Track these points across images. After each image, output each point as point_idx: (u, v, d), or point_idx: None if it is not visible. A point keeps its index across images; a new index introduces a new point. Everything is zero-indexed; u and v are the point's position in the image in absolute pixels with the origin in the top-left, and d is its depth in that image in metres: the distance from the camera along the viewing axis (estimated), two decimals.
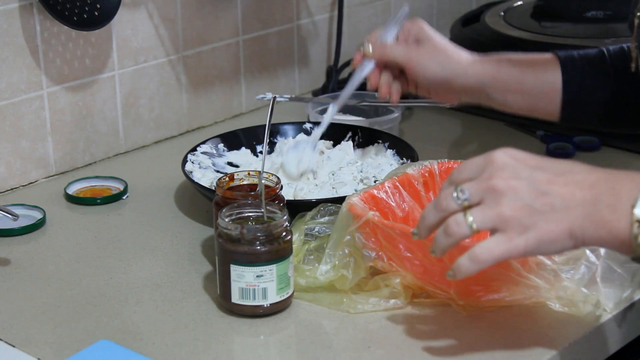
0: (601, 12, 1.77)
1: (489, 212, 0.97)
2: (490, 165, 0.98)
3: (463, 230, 0.98)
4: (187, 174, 1.38)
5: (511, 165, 0.98)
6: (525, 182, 0.97)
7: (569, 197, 0.96)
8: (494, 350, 1.08)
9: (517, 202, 0.96)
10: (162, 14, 1.60)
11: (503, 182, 0.97)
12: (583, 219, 0.96)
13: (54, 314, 1.17)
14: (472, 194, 0.97)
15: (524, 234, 0.96)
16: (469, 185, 0.98)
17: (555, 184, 0.97)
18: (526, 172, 0.98)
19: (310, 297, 1.17)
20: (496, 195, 0.96)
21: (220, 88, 1.71)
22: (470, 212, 0.97)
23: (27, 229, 1.35)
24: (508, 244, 0.96)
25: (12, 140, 1.46)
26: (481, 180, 0.98)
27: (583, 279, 1.11)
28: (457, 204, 0.98)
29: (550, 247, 0.97)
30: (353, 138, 1.50)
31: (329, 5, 1.85)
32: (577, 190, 0.97)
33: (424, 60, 1.38)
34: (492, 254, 0.97)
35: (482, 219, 0.97)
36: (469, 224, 0.97)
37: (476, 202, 0.97)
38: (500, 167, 0.98)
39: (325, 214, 1.23)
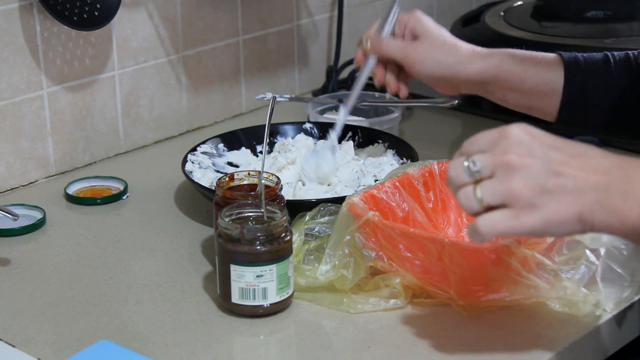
0: (601, 12, 1.77)
1: (499, 187, 0.94)
2: (504, 139, 0.96)
3: (472, 204, 0.95)
4: (187, 174, 1.38)
5: (526, 142, 0.96)
6: (539, 161, 0.95)
7: (582, 180, 0.95)
8: (494, 350, 1.08)
9: (529, 180, 0.94)
10: (162, 14, 1.60)
11: (517, 158, 0.94)
12: (594, 204, 0.94)
13: (54, 314, 1.17)
14: (484, 167, 0.95)
15: (532, 213, 0.94)
16: (482, 157, 0.96)
17: (569, 165, 0.95)
18: (541, 151, 0.96)
19: (310, 297, 1.17)
20: (508, 171, 0.94)
21: (220, 88, 1.71)
22: (480, 186, 0.95)
23: (27, 229, 1.35)
24: (514, 220, 0.94)
25: (12, 140, 1.46)
26: (495, 154, 0.96)
27: (583, 279, 1.11)
28: (467, 174, 0.96)
29: (558, 229, 0.95)
30: (353, 138, 1.50)
31: (329, 5, 1.85)
32: (590, 175, 0.95)
33: (421, 56, 1.36)
34: (495, 228, 0.95)
35: (492, 194, 0.94)
36: (479, 199, 0.95)
37: (487, 176, 0.95)
38: (516, 142, 0.96)
39: (325, 214, 1.23)
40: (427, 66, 1.36)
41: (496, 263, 1.09)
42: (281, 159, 1.44)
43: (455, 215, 1.27)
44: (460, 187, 0.96)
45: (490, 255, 1.08)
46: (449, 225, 1.27)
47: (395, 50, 1.37)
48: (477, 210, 0.96)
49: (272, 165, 1.43)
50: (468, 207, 0.96)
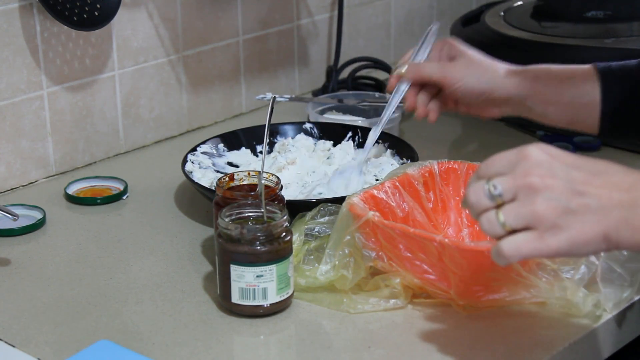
0: (601, 12, 1.77)
1: (522, 210, 0.93)
2: (524, 160, 0.95)
3: (495, 229, 0.94)
4: (187, 174, 1.38)
5: (547, 162, 0.94)
6: (561, 181, 0.93)
7: (606, 198, 0.93)
8: (494, 350, 1.08)
9: (552, 201, 0.92)
10: (162, 14, 1.60)
11: (539, 179, 0.93)
12: (619, 222, 0.93)
13: (54, 314, 1.17)
14: (505, 190, 0.94)
15: (557, 234, 0.92)
16: (502, 180, 0.94)
17: (592, 184, 0.94)
18: (562, 171, 0.94)
19: (310, 297, 1.17)
20: (531, 193, 0.93)
21: (220, 88, 1.71)
22: (503, 211, 0.93)
23: (27, 229, 1.35)
24: (538, 242, 0.93)
25: (12, 140, 1.46)
26: (515, 177, 0.94)
27: (583, 279, 1.11)
28: (488, 198, 0.94)
29: (583, 249, 0.94)
30: (353, 138, 1.50)
31: (329, 5, 1.85)
32: (614, 192, 0.94)
33: (459, 74, 1.37)
34: (520, 251, 0.93)
35: (515, 217, 0.93)
36: (501, 223, 0.93)
37: (509, 199, 0.94)
38: (536, 163, 0.94)
39: (325, 214, 1.23)
40: (466, 83, 1.37)
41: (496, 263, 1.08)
42: (281, 159, 1.44)
43: (455, 215, 1.27)
44: (482, 212, 0.95)
45: None
46: (449, 225, 1.27)
47: (434, 70, 1.38)
48: (500, 234, 0.94)
49: (272, 165, 1.43)
50: (492, 232, 0.94)
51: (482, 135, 1.66)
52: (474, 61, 1.38)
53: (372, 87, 1.82)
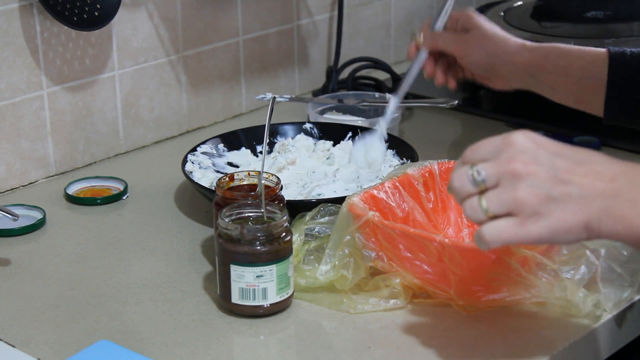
0: (601, 12, 1.77)
1: (505, 196, 0.93)
2: (509, 147, 0.95)
3: (478, 215, 0.95)
4: (187, 174, 1.38)
5: (532, 150, 0.95)
6: (544, 169, 0.94)
7: (589, 188, 0.94)
8: (494, 350, 1.08)
9: (535, 188, 0.93)
10: (162, 14, 1.60)
11: (523, 166, 0.93)
12: (601, 211, 0.93)
13: (54, 314, 1.17)
14: (489, 176, 0.94)
15: (538, 221, 0.93)
16: (486, 166, 0.95)
17: (575, 173, 0.94)
18: (546, 158, 0.95)
19: (310, 297, 1.17)
20: (514, 180, 0.93)
21: (220, 88, 1.71)
22: (486, 196, 0.94)
23: (27, 229, 1.35)
24: (519, 228, 0.93)
25: (12, 140, 1.46)
26: (499, 163, 0.94)
27: (583, 279, 1.11)
28: (471, 184, 0.95)
29: (564, 237, 0.94)
30: (353, 138, 1.50)
31: (329, 5, 1.85)
32: (597, 182, 0.94)
33: (470, 48, 1.40)
34: (501, 236, 0.94)
35: (497, 204, 0.94)
36: (484, 209, 0.94)
37: (492, 185, 0.94)
38: (521, 150, 0.95)
39: (325, 214, 1.23)
40: (478, 56, 1.40)
41: (496, 263, 1.09)
42: (281, 159, 1.44)
43: (455, 215, 1.27)
44: (466, 198, 0.95)
45: (490, 256, 1.08)
46: (449, 225, 1.27)
47: (448, 42, 1.42)
48: (483, 220, 0.95)
49: (272, 166, 1.43)
50: (474, 218, 0.95)
51: (482, 135, 1.65)
52: (487, 35, 1.41)
53: (372, 87, 1.82)
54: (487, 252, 1.08)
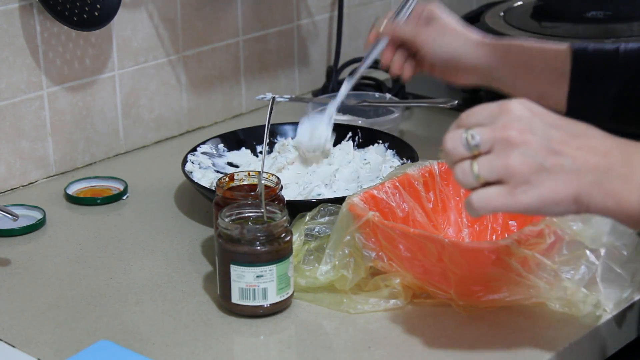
0: (601, 12, 1.77)
1: (497, 162, 0.93)
2: (505, 114, 0.95)
3: (468, 179, 0.94)
4: (187, 174, 1.38)
5: (527, 118, 0.95)
6: (539, 138, 0.93)
7: (581, 161, 0.94)
8: (494, 350, 1.08)
9: (527, 157, 0.93)
10: (162, 14, 1.60)
11: (517, 134, 0.93)
12: (592, 185, 0.93)
13: (54, 314, 1.17)
14: (483, 141, 0.94)
15: (528, 191, 0.93)
16: (481, 131, 0.94)
17: (569, 145, 0.94)
18: (542, 128, 0.94)
19: (310, 297, 1.17)
20: (507, 147, 0.93)
21: (220, 88, 1.71)
22: (478, 161, 0.94)
23: (27, 229, 1.35)
24: (509, 197, 0.93)
25: (12, 140, 1.46)
26: (494, 129, 0.94)
27: (583, 279, 1.11)
28: (465, 147, 0.94)
29: (553, 208, 0.94)
30: (353, 138, 1.50)
31: (329, 5, 1.85)
32: (590, 155, 0.94)
33: (430, 39, 1.39)
34: (489, 204, 0.94)
35: (489, 170, 0.93)
36: (475, 175, 0.93)
37: (485, 150, 0.94)
38: (516, 118, 0.94)
39: (325, 214, 1.23)
40: (435, 47, 1.39)
41: (496, 263, 1.09)
42: (281, 159, 1.44)
43: (455, 215, 1.27)
44: (458, 161, 0.95)
45: (490, 256, 1.08)
46: (449, 225, 1.27)
47: (407, 31, 1.41)
48: (473, 186, 0.94)
49: (272, 166, 1.43)
50: (464, 182, 0.95)
51: None
52: (447, 27, 1.40)
53: (372, 87, 1.82)
54: (487, 252, 1.09)
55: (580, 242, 1.11)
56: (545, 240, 1.09)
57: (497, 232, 1.25)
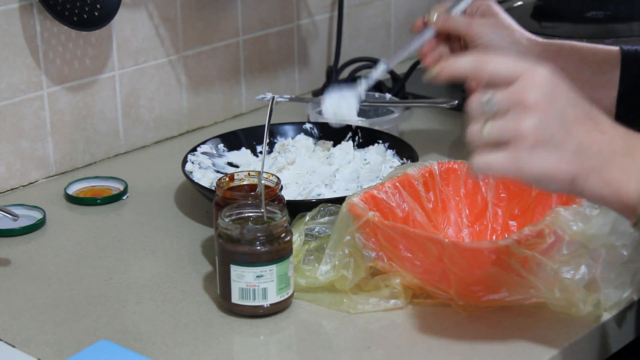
0: (601, 12, 1.77)
1: (509, 125, 0.94)
2: (530, 77, 0.95)
3: (478, 138, 0.95)
4: (187, 174, 1.38)
5: (550, 88, 0.95)
6: (555, 112, 0.94)
7: (587, 144, 0.94)
8: (494, 350, 1.08)
9: (539, 127, 0.93)
10: (162, 14, 1.60)
11: (536, 101, 0.93)
12: (591, 170, 0.94)
13: (54, 314, 1.17)
14: (501, 104, 0.94)
15: (530, 162, 0.94)
16: (501, 94, 0.94)
17: (581, 126, 0.95)
18: (561, 102, 0.95)
19: (310, 297, 1.17)
20: (523, 111, 0.93)
21: (220, 88, 1.71)
22: (491, 122, 0.94)
23: (27, 229, 1.35)
24: (510, 164, 0.94)
25: (12, 140, 1.46)
26: (514, 91, 0.94)
27: (583, 279, 1.11)
28: (483, 108, 0.95)
29: (548, 184, 0.95)
30: (353, 138, 1.50)
31: (329, 5, 1.85)
32: (596, 141, 0.95)
33: (485, 32, 1.37)
34: (492, 166, 0.95)
35: (499, 130, 0.94)
36: (486, 134, 0.94)
37: (502, 113, 0.94)
38: (540, 84, 0.95)
39: (325, 214, 1.23)
40: (489, 40, 1.37)
41: (496, 263, 1.09)
42: (281, 159, 1.44)
43: (455, 215, 1.27)
44: (475, 119, 0.96)
45: (490, 256, 1.08)
46: (449, 225, 1.27)
47: (461, 24, 1.37)
48: (482, 145, 0.95)
49: (272, 166, 1.43)
50: (474, 141, 0.95)
51: None
52: (503, 23, 1.38)
53: (372, 87, 1.82)
54: (487, 252, 1.09)
55: (580, 242, 1.11)
56: (545, 240, 1.09)
57: (497, 232, 1.25)
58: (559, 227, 1.09)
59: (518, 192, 1.24)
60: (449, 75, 0.98)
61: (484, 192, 1.26)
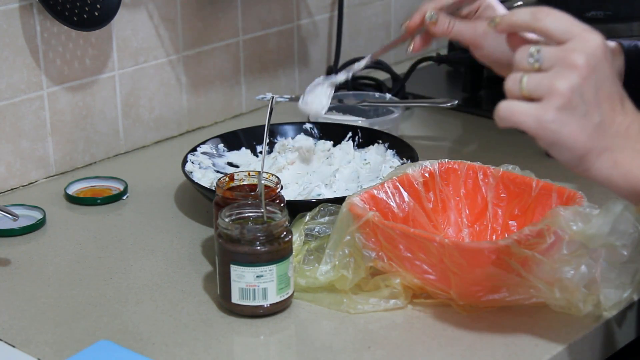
0: (601, 12, 1.77)
1: (545, 80, 0.94)
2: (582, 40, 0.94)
3: (514, 88, 0.95)
4: (187, 174, 1.38)
5: (598, 57, 0.95)
6: (593, 82, 0.94)
7: (609, 123, 0.95)
8: (494, 350, 1.08)
9: (573, 90, 0.93)
10: (162, 14, 1.60)
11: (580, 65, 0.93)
12: (604, 149, 0.95)
13: (54, 314, 1.17)
14: (545, 59, 0.94)
15: (553, 121, 0.93)
16: (548, 50, 0.94)
17: (610, 103, 0.95)
18: (601, 75, 0.95)
19: (310, 297, 1.17)
20: (564, 69, 0.93)
21: (220, 88, 1.71)
22: (530, 75, 0.94)
23: (27, 229, 1.35)
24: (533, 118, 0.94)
25: (12, 140, 1.46)
26: (563, 49, 0.94)
27: (583, 279, 1.11)
28: (528, 60, 0.95)
29: (560, 150, 0.95)
30: (353, 138, 1.50)
31: (329, 5, 1.85)
32: (616, 122, 0.95)
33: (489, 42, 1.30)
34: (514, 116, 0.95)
35: (536, 83, 0.94)
36: (522, 85, 0.94)
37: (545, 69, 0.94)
38: (590, 51, 0.94)
39: (325, 214, 1.23)
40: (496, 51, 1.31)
41: (496, 263, 1.09)
42: (281, 159, 1.44)
43: (455, 215, 1.27)
44: (515, 69, 0.96)
45: (490, 256, 1.08)
46: (449, 225, 1.27)
47: (464, 32, 1.31)
48: (515, 94, 0.95)
49: (272, 166, 1.43)
50: (510, 90, 0.95)
51: (482, 136, 1.66)
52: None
53: (372, 87, 1.82)
54: (487, 252, 1.09)
55: (580, 242, 1.11)
56: (545, 240, 1.09)
57: (497, 232, 1.25)
58: (559, 227, 1.09)
59: (518, 192, 1.24)
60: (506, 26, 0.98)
61: (484, 192, 1.26)
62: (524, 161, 1.29)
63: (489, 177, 1.25)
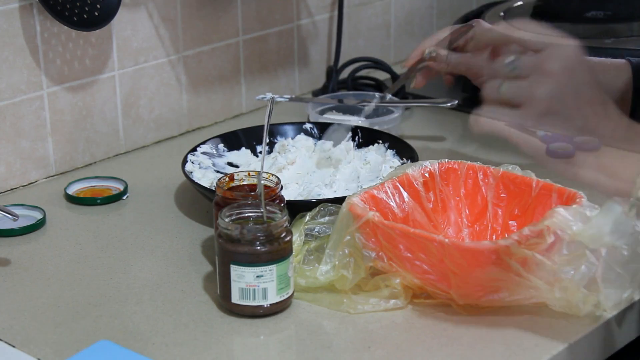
0: (601, 12, 1.77)
1: (524, 88, 0.94)
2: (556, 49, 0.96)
3: (492, 93, 0.96)
4: (187, 174, 1.38)
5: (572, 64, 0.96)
6: (571, 87, 0.95)
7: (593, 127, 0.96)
8: (494, 350, 1.08)
9: (552, 97, 0.94)
10: (162, 14, 1.60)
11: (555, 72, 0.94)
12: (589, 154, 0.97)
13: (54, 314, 1.17)
14: (522, 68, 0.95)
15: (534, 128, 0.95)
16: (525, 59, 0.95)
17: (592, 107, 0.96)
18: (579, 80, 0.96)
19: (310, 297, 1.17)
20: (542, 77, 0.94)
21: (220, 88, 1.71)
22: (509, 82, 0.95)
23: (27, 229, 1.35)
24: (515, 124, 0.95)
25: (12, 140, 1.46)
26: (538, 57, 0.95)
27: (583, 279, 1.11)
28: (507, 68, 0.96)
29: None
30: (353, 138, 1.50)
31: (329, 5, 1.85)
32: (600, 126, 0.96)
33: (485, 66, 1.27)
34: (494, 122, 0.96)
35: (516, 91, 0.95)
36: (502, 89, 0.95)
37: (522, 76, 0.95)
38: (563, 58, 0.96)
39: (325, 214, 1.23)
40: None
41: (496, 263, 1.09)
42: (281, 159, 1.44)
43: (455, 215, 1.27)
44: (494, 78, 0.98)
45: (491, 256, 1.08)
46: (449, 225, 1.27)
47: (460, 66, 1.34)
48: (494, 101, 0.96)
49: (272, 166, 1.43)
50: (488, 96, 0.97)
51: (482, 135, 1.66)
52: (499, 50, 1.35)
53: (372, 87, 1.82)
54: (487, 252, 1.09)
55: (581, 242, 1.11)
56: (545, 240, 1.09)
57: (497, 232, 1.25)
58: (559, 227, 1.09)
59: (518, 192, 1.24)
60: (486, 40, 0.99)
61: (484, 192, 1.26)
62: (524, 161, 1.29)
63: (489, 177, 1.25)
